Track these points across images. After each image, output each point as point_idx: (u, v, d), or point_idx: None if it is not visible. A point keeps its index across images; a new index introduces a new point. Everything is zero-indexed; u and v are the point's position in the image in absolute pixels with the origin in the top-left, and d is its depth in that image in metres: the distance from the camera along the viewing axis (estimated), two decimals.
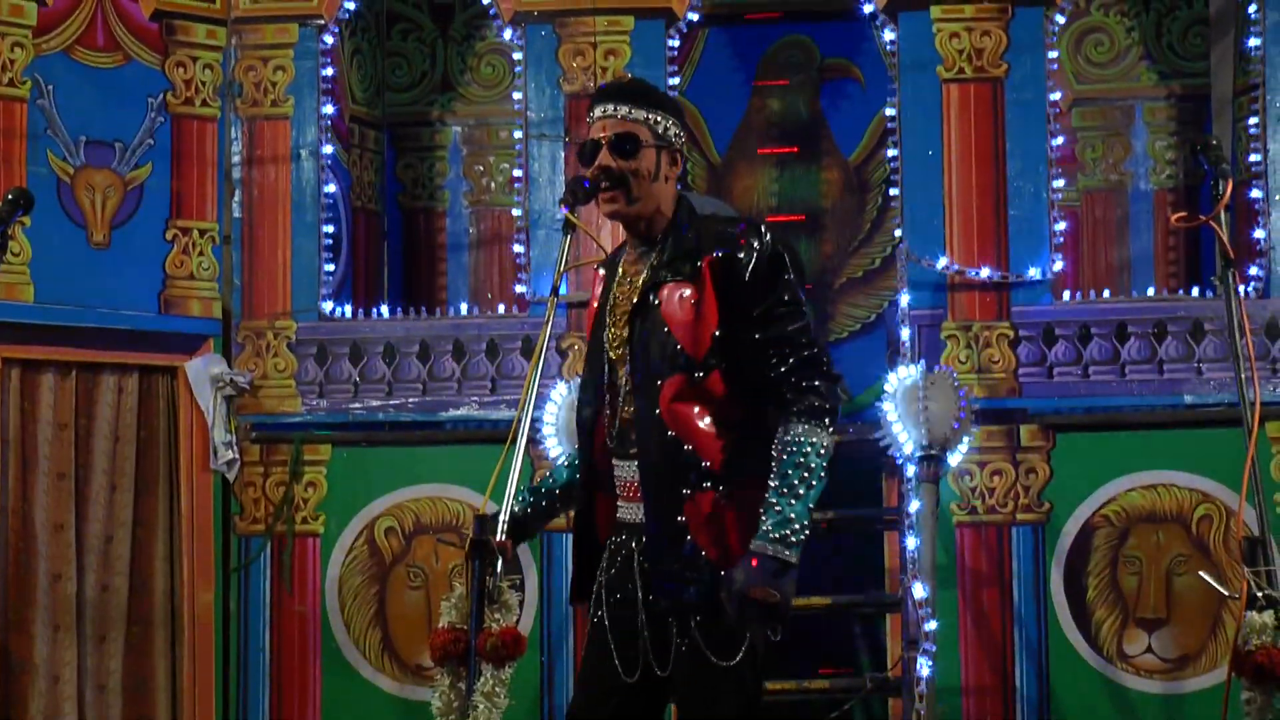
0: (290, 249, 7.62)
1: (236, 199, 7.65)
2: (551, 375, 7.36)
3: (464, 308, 7.86)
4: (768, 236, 4.54)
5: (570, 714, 4.66)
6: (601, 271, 4.75)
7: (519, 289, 7.69)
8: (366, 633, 7.49)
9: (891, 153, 7.69)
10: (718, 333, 4.52)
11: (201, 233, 7.56)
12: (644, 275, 4.60)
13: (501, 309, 7.73)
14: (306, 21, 7.70)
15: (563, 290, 7.28)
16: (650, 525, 4.53)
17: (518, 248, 7.69)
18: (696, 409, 4.52)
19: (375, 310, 7.77)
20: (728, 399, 4.53)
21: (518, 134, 7.77)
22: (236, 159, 7.65)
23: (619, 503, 4.63)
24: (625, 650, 4.57)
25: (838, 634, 7.71)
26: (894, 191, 7.66)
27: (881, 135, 8.10)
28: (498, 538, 4.52)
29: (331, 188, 7.76)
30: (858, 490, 7.46)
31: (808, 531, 4.43)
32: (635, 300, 4.59)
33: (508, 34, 7.79)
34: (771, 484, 4.43)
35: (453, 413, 7.54)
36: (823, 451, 4.44)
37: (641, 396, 4.54)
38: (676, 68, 7.80)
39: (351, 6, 7.82)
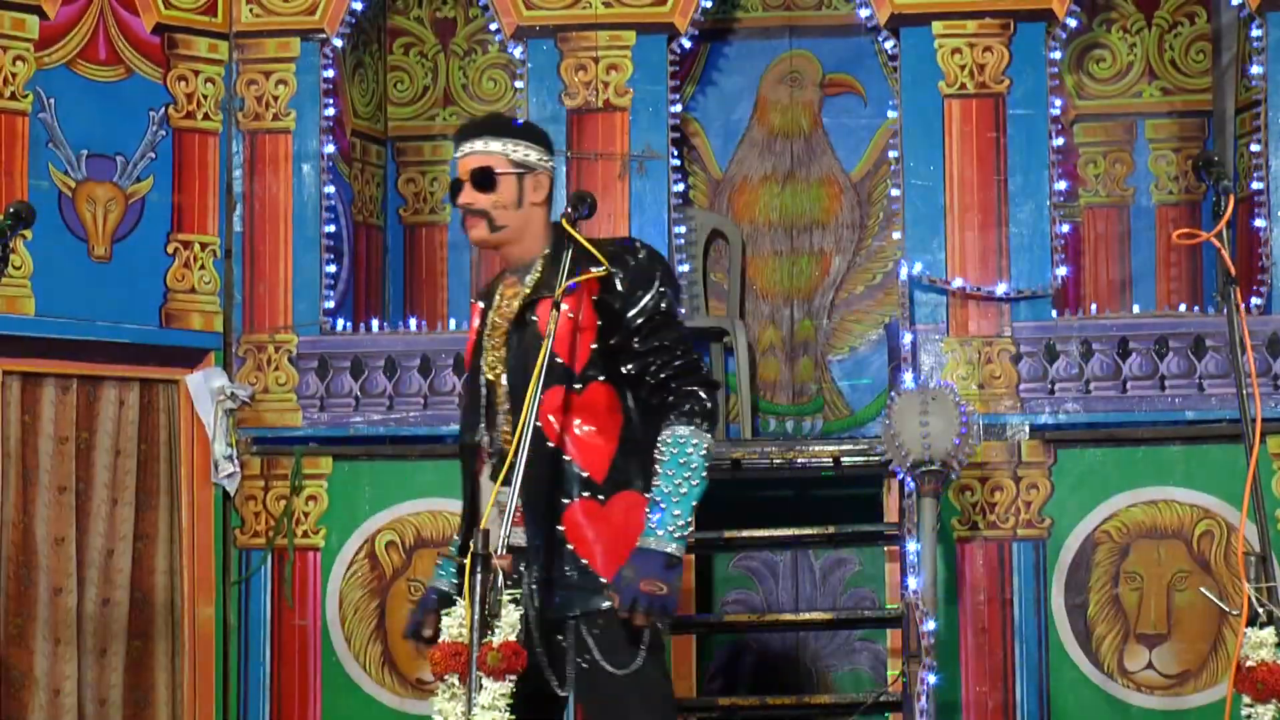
0: (291, 263, 7.62)
1: (238, 213, 7.65)
2: None
3: (465, 322, 7.86)
4: (643, 251, 4.77)
5: None
6: (480, 304, 4.94)
7: None
8: (367, 646, 7.48)
9: (893, 168, 7.70)
10: (595, 345, 4.71)
11: (203, 246, 7.57)
12: (520, 296, 4.81)
13: None
14: (308, 36, 7.71)
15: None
16: (533, 537, 4.71)
17: None
18: (576, 420, 4.70)
19: (377, 324, 7.78)
20: (608, 410, 4.71)
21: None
22: (238, 173, 7.66)
23: (514, 527, 4.72)
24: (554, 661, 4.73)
25: (838, 649, 7.71)
26: (895, 207, 7.66)
27: (883, 150, 8.10)
28: (498, 552, 4.54)
29: (333, 201, 7.76)
30: (859, 505, 7.46)
31: (691, 527, 4.64)
32: (512, 319, 4.79)
33: (510, 48, 7.80)
34: (656, 483, 4.63)
35: (454, 427, 7.49)
36: (705, 451, 4.67)
37: (518, 412, 4.69)
38: (678, 82, 7.81)
39: (353, 21, 7.83)
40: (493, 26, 7.83)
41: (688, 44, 7.77)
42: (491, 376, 4.85)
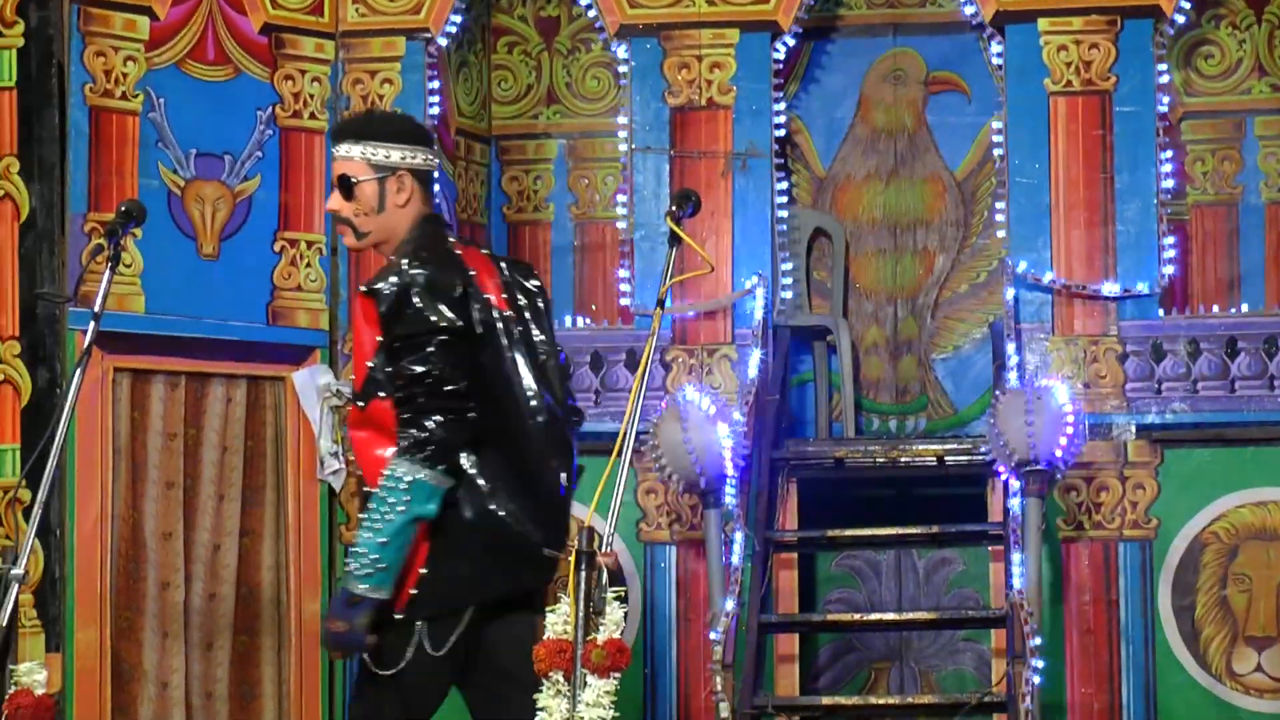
0: None
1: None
2: (656, 388, 7.36)
3: (568, 320, 7.89)
4: (407, 273, 4.76)
5: None
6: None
7: (623, 302, 7.70)
8: None
9: (998, 166, 7.66)
10: (371, 363, 4.77)
11: (309, 244, 7.62)
12: None
13: (606, 321, 7.74)
14: (413, 35, 7.75)
15: (668, 303, 7.27)
16: None
17: (622, 260, 7.71)
18: (365, 437, 4.81)
19: None
20: (389, 428, 4.76)
21: (622, 147, 7.79)
22: None
23: None
24: None
25: (941, 649, 7.67)
26: (1000, 205, 7.62)
27: (988, 148, 8.05)
28: (602, 549, 4.56)
29: (437, 200, 7.79)
30: (963, 505, 7.43)
31: (382, 564, 4.69)
32: None
33: (613, 47, 7.81)
34: (361, 518, 4.75)
35: None
36: (405, 485, 4.69)
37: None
38: (781, 80, 7.80)
39: (458, 20, 7.87)
40: (596, 25, 7.84)
41: (791, 42, 7.76)
42: None
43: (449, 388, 4.73)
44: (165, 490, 7.25)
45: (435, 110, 7.77)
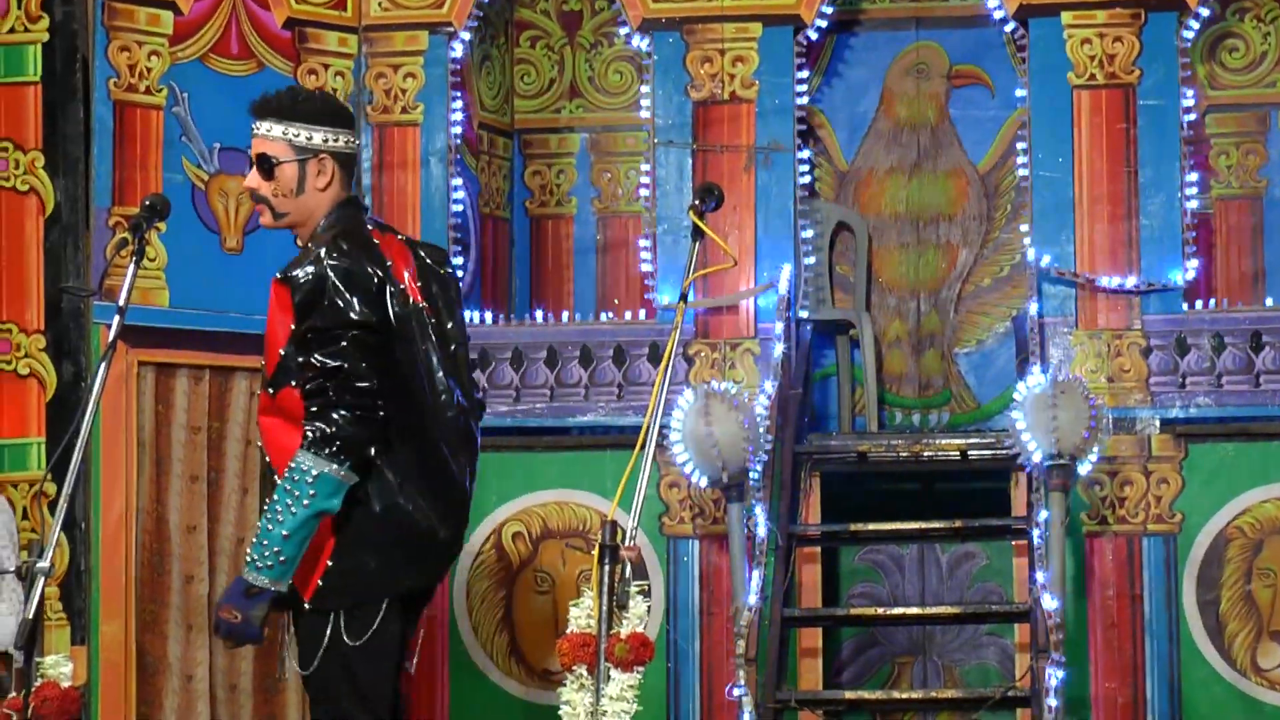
0: None
1: (367, 205, 7.71)
2: (679, 381, 7.36)
3: (591, 314, 7.89)
4: (324, 261, 4.73)
5: None
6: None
7: (646, 295, 7.70)
8: (494, 637, 7.52)
9: (1021, 159, 7.64)
10: (283, 351, 4.74)
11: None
12: None
13: (628, 315, 7.75)
14: (436, 29, 7.75)
15: (690, 296, 7.27)
16: None
17: (645, 254, 7.71)
18: (273, 424, 4.79)
19: (503, 316, 7.81)
20: (298, 417, 4.72)
21: (645, 141, 7.78)
22: (366, 165, 7.71)
23: None
24: None
25: (965, 643, 7.66)
26: (1023, 199, 7.61)
27: (1011, 142, 8.04)
28: (626, 543, 4.56)
29: (460, 194, 7.81)
30: (986, 499, 7.42)
31: (283, 557, 4.65)
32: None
33: (636, 41, 7.81)
34: (263, 510, 4.69)
35: (580, 419, 7.56)
36: (310, 479, 4.63)
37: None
38: (804, 74, 7.79)
39: (480, 14, 7.87)
40: (619, 19, 7.84)
41: (814, 35, 7.75)
42: None
43: (360, 384, 4.68)
44: (189, 484, 7.27)
45: (458, 105, 7.77)
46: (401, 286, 4.87)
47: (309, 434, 4.64)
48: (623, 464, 4.90)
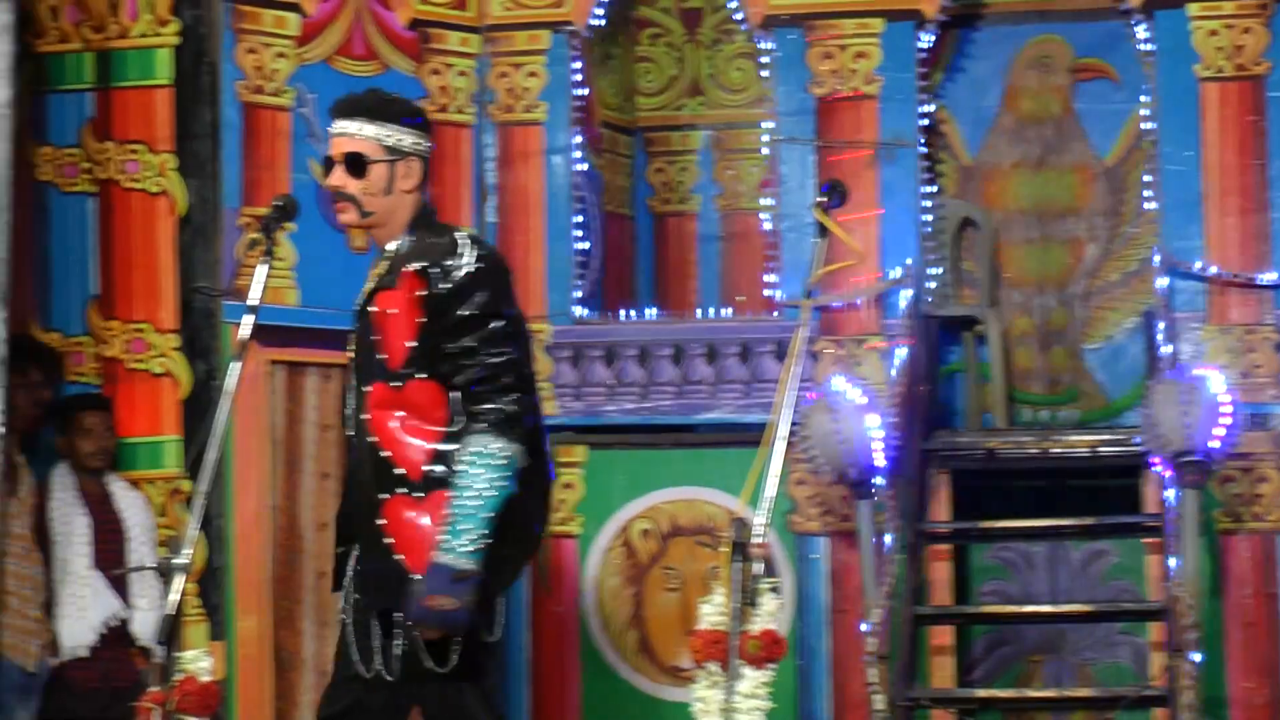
0: (544, 253, 7.70)
1: (490, 204, 7.75)
2: (805, 378, 7.34)
3: (714, 311, 7.89)
4: (475, 251, 4.75)
5: (319, 705, 4.90)
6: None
7: (770, 292, 7.68)
8: (624, 633, 7.54)
9: (1148, 153, 7.57)
10: (414, 343, 4.72)
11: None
12: (371, 283, 4.87)
13: (752, 313, 7.73)
14: (558, 28, 7.78)
15: (815, 293, 7.26)
16: (356, 526, 4.77)
17: (768, 251, 7.69)
18: (394, 416, 4.72)
19: (628, 313, 7.82)
20: (429, 407, 4.71)
21: (767, 137, 7.77)
22: (490, 164, 7.75)
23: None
24: (355, 651, 4.78)
25: (1098, 641, 7.59)
26: (1150, 193, 7.53)
27: (1137, 136, 7.96)
28: (755, 541, 4.55)
29: (583, 192, 7.82)
30: (1117, 496, 7.35)
31: (486, 539, 4.58)
32: (361, 304, 4.87)
33: (756, 37, 7.79)
34: (452, 494, 4.61)
35: (706, 416, 7.56)
36: (503, 460, 4.61)
37: (356, 399, 4.81)
38: (927, 69, 7.74)
39: (602, 12, 7.88)
40: (739, 16, 7.83)
41: (936, 30, 7.70)
42: (349, 359, 4.93)
43: (525, 370, 4.76)
44: (320, 481, 7.33)
45: (580, 103, 7.79)
46: None
47: (490, 417, 4.64)
48: (749, 461, 4.88)
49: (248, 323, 4.80)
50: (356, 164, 4.82)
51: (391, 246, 4.86)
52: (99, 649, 6.76)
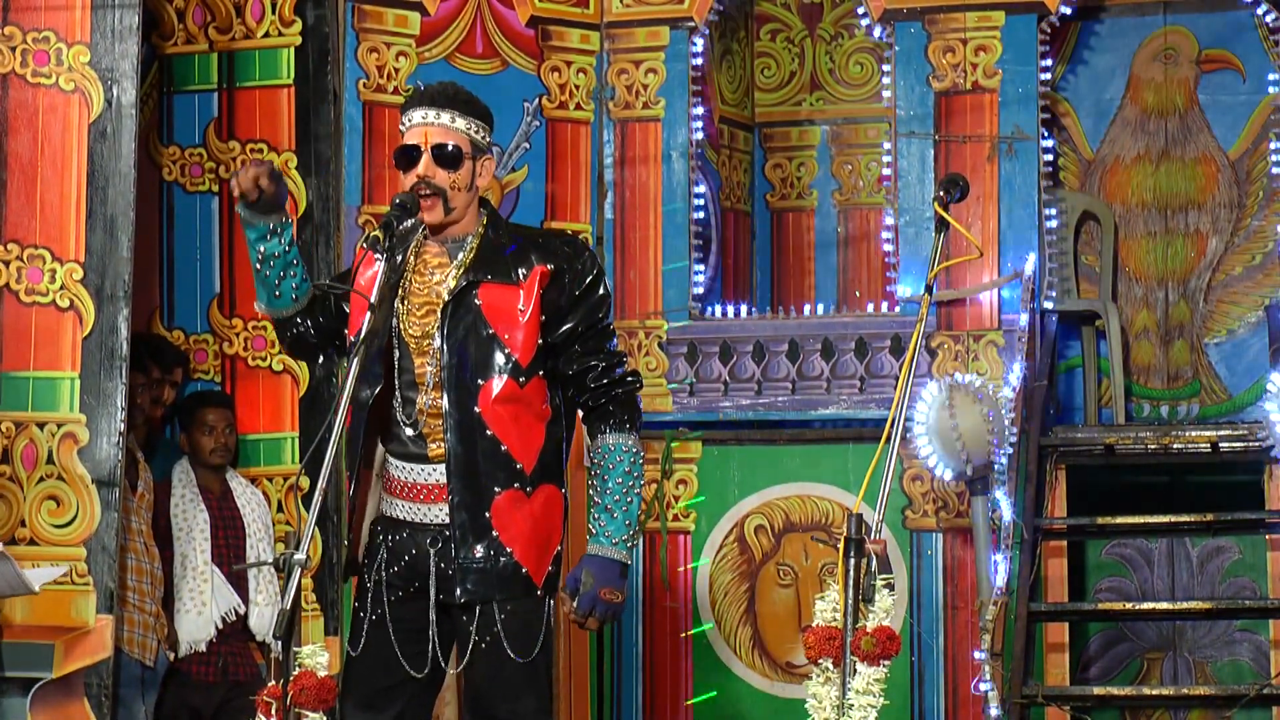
0: (661, 250, 7.72)
1: (609, 201, 7.78)
2: (922, 374, 7.32)
3: (832, 306, 7.88)
4: (585, 251, 4.81)
5: (350, 712, 4.79)
6: (375, 255, 4.72)
7: (888, 288, 7.67)
8: (737, 629, 7.55)
9: (1275, 145, 7.47)
10: (540, 341, 4.74)
11: (576, 234, 7.70)
12: (455, 272, 4.74)
13: (870, 308, 7.72)
14: (677, 24, 7.79)
15: (934, 288, 7.23)
16: (457, 519, 4.70)
17: (886, 246, 7.67)
18: (516, 411, 4.73)
19: (745, 309, 7.83)
20: (542, 404, 4.78)
21: (886, 132, 7.75)
22: (609, 161, 7.78)
23: (401, 501, 4.81)
24: (411, 647, 4.75)
25: (1217, 639, 7.52)
26: (1277, 185, 7.44)
27: (1263, 127, 7.87)
28: (871, 536, 4.55)
29: (702, 188, 7.84)
30: (1238, 492, 7.28)
31: (640, 535, 4.82)
32: (448, 296, 4.72)
33: (877, 32, 7.77)
34: (606, 490, 4.75)
35: (822, 412, 7.55)
36: (644, 459, 4.85)
37: (455, 392, 4.70)
38: (1048, 62, 7.69)
39: (721, 8, 7.89)
40: (859, 10, 7.81)
41: (1058, 23, 7.65)
42: (412, 346, 4.79)
43: (634, 369, 4.93)
44: None
45: (699, 99, 7.80)
46: None
47: (626, 416, 4.82)
48: (865, 457, 4.91)
49: (366, 321, 4.83)
50: (452, 156, 4.74)
51: (460, 237, 4.81)
52: (217, 644, 6.84)
